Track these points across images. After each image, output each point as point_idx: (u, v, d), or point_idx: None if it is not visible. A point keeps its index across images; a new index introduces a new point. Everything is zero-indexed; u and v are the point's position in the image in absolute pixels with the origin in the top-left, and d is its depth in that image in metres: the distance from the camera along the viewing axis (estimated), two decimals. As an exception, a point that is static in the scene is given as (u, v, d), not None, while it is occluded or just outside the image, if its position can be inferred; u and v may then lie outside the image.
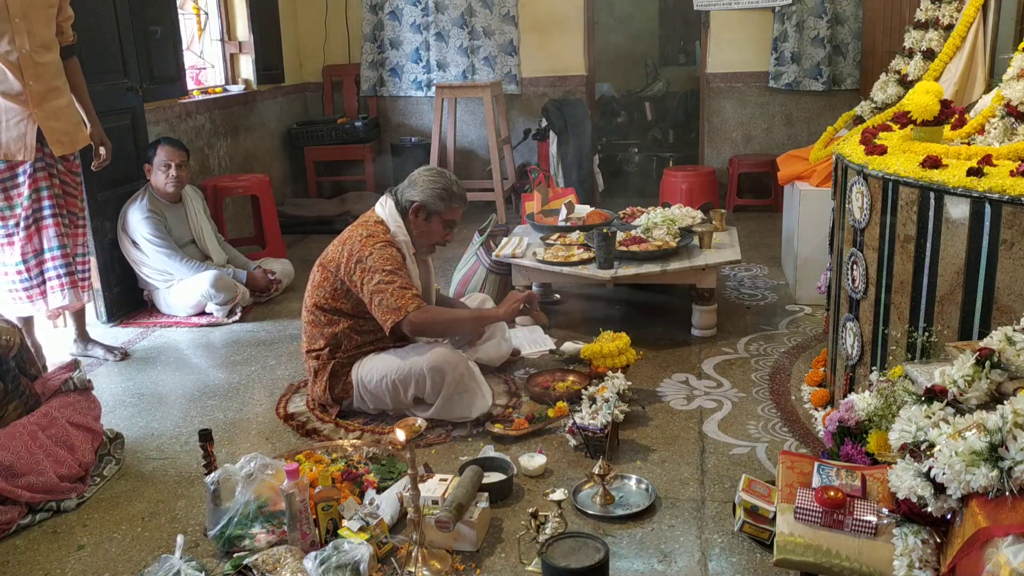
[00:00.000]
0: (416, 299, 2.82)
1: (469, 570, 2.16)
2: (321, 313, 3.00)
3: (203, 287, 4.17)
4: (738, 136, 6.62)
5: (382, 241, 2.90)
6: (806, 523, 1.83)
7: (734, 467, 2.62)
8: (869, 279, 2.55)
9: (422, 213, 2.98)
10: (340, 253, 2.94)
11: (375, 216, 3.03)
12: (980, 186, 2.11)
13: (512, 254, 3.83)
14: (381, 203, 3.05)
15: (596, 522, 2.35)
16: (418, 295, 2.87)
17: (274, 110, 6.49)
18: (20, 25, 3.16)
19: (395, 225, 2.98)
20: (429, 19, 6.73)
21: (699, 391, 3.20)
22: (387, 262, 2.85)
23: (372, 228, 2.96)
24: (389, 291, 2.81)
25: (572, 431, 2.74)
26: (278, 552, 2.12)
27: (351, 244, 2.92)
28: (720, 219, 4.14)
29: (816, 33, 6.15)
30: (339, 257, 2.93)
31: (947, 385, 1.78)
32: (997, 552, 1.35)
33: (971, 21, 3.63)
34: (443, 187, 2.98)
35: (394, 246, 2.92)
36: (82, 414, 2.71)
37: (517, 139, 6.72)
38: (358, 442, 2.81)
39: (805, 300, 4.13)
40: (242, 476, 2.29)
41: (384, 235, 2.94)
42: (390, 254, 2.87)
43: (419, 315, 2.80)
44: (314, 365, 3.04)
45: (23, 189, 3.31)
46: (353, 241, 2.92)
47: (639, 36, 9.29)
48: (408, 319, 2.80)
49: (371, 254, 2.86)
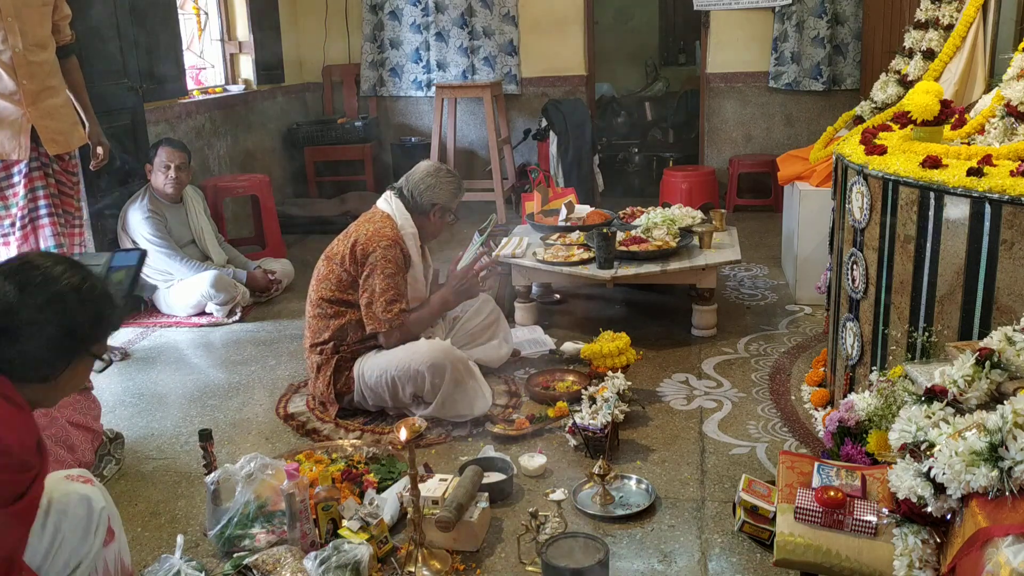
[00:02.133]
0: (401, 315, 2.94)
1: (469, 570, 2.16)
2: (328, 305, 3.02)
3: (203, 287, 4.17)
4: (738, 136, 6.62)
5: (389, 239, 2.96)
6: (806, 523, 1.83)
7: (734, 467, 2.62)
8: (869, 279, 2.55)
9: (440, 212, 3.11)
10: (346, 246, 3.01)
11: (380, 212, 3.08)
12: (980, 186, 2.11)
13: (512, 254, 3.83)
14: (386, 199, 3.11)
15: (596, 522, 2.35)
16: (405, 310, 2.96)
17: (274, 110, 6.49)
18: (12, 24, 3.15)
19: (403, 219, 3.05)
20: (429, 19, 6.73)
21: (699, 391, 3.20)
22: (388, 264, 2.93)
23: (379, 223, 3.02)
24: (381, 300, 2.92)
25: (572, 431, 2.74)
26: (278, 552, 2.12)
27: (356, 236, 2.99)
28: (720, 219, 4.13)
29: (816, 33, 6.15)
30: (344, 250, 3.00)
31: (947, 385, 1.78)
32: (997, 552, 1.35)
33: (971, 21, 3.63)
34: (457, 185, 3.15)
35: (399, 245, 2.98)
36: (82, 414, 2.71)
37: (517, 139, 6.72)
38: (358, 442, 2.81)
39: (805, 300, 4.13)
40: (242, 476, 2.29)
41: (392, 231, 3.00)
42: (393, 255, 2.95)
43: (395, 333, 2.96)
44: (317, 360, 3.04)
45: (19, 189, 3.30)
46: (359, 235, 2.99)
47: (639, 36, 9.29)
48: (387, 334, 2.96)
49: (375, 251, 2.94)
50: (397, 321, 2.93)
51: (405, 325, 2.96)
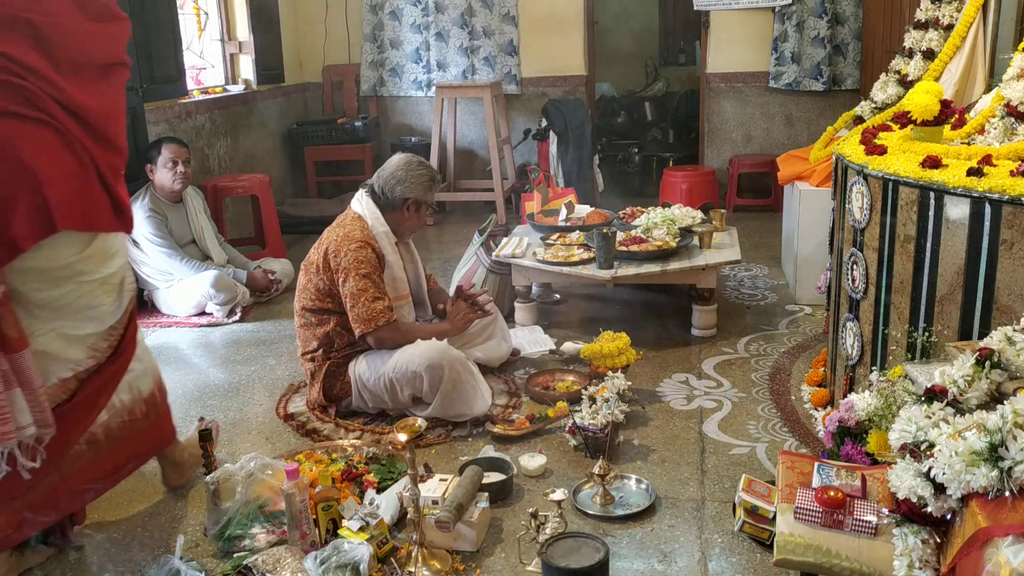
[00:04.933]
0: (387, 312, 2.90)
1: (469, 570, 2.16)
2: (310, 315, 3.02)
3: (203, 287, 4.17)
4: (738, 136, 6.62)
5: (358, 242, 2.93)
6: (806, 523, 1.83)
7: (734, 467, 2.62)
8: (869, 279, 2.55)
9: (414, 206, 3.06)
10: (318, 254, 2.99)
11: (352, 213, 3.07)
12: (980, 186, 2.11)
13: (512, 254, 3.83)
14: (357, 198, 3.09)
15: (596, 522, 2.35)
16: (390, 307, 2.92)
17: (274, 110, 6.50)
18: None
19: (373, 218, 3.02)
20: (429, 19, 6.73)
21: (699, 391, 3.20)
22: (361, 265, 2.90)
23: (349, 227, 2.99)
24: (361, 300, 2.88)
25: (572, 431, 2.74)
26: (278, 552, 2.12)
27: (327, 244, 2.98)
28: (720, 219, 4.14)
29: (816, 33, 6.15)
30: (318, 259, 2.98)
31: (947, 385, 1.78)
32: (997, 552, 1.35)
33: (971, 21, 3.63)
34: (429, 177, 3.07)
35: (369, 246, 2.94)
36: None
37: (517, 139, 6.72)
38: (358, 442, 2.81)
39: (805, 300, 4.13)
40: (242, 476, 2.29)
41: (361, 232, 2.96)
42: (364, 256, 2.91)
43: (385, 332, 2.90)
44: (310, 367, 3.05)
45: None
46: (329, 242, 2.98)
47: (639, 36, 9.28)
48: (375, 334, 2.90)
49: (346, 255, 2.91)
50: (383, 319, 2.88)
51: (393, 324, 2.92)
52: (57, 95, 2.00)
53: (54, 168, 1.99)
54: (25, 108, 1.95)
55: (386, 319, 2.89)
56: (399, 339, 2.94)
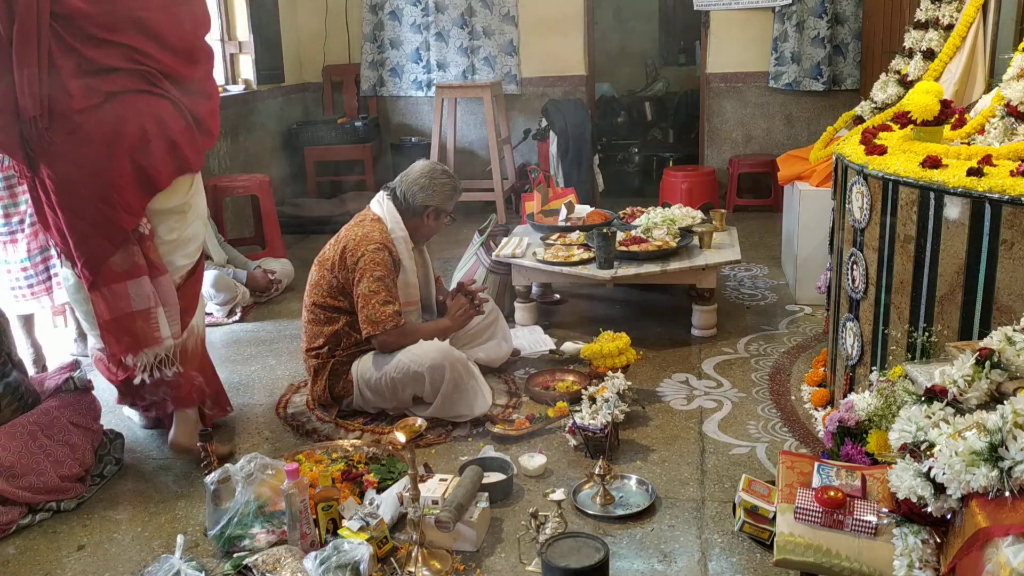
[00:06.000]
0: (395, 317, 2.90)
1: (469, 570, 2.16)
2: (320, 311, 3.02)
3: (203, 287, 4.16)
4: (738, 136, 6.62)
5: (376, 243, 2.93)
6: (806, 523, 1.83)
7: (734, 467, 2.62)
8: (869, 279, 2.55)
9: (434, 214, 3.07)
10: (335, 251, 2.99)
11: (371, 214, 3.06)
12: (980, 186, 2.11)
13: (512, 254, 3.83)
14: (378, 200, 3.09)
15: (596, 522, 2.35)
16: (399, 312, 2.92)
17: (274, 110, 6.49)
18: None
19: (393, 222, 3.02)
20: (429, 19, 6.73)
21: (699, 391, 3.20)
22: (377, 267, 2.90)
23: (368, 227, 2.99)
24: (372, 303, 2.89)
25: (572, 431, 2.74)
26: (278, 552, 2.12)
27: (345, 242, 2.97)
28: (720, 219, 4.14)
29: (816, 33, 6.15)
30: (334, 256, 2.98)
31: (947, 385, 1.78)
32: (997, 552, 1.35)
33: (971, 21, 3.63)
34: (452, 187, 3.09)
35: (387, 248, 2.95)
36: (82, 414, 2.71)
37: (517, 139, 6.72)
38: (358, 442, 2.81)
39: (805, 300, 4.13)
40: (242, 476, 2.29)
41: (380, 235, 2.97)
42: (381, 258, 2.92)
43: (391, 335, 2.91)
44: (314, 364, 3.04)
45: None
46: (348, 240, 2.97)
47: (639, 36, 9.28)
48: (379, 338, 2.91)
49: (363, 255, 2.91)
50: (391, 323, 2.89)
51: (400, 328, 2.93)
52: (167, 71, 2.61)
53: (174, 124, 2.64)
54: (148, 86, 2.57)
55: (394, 323, 2.90)
56: (403, 342, 2.94)
